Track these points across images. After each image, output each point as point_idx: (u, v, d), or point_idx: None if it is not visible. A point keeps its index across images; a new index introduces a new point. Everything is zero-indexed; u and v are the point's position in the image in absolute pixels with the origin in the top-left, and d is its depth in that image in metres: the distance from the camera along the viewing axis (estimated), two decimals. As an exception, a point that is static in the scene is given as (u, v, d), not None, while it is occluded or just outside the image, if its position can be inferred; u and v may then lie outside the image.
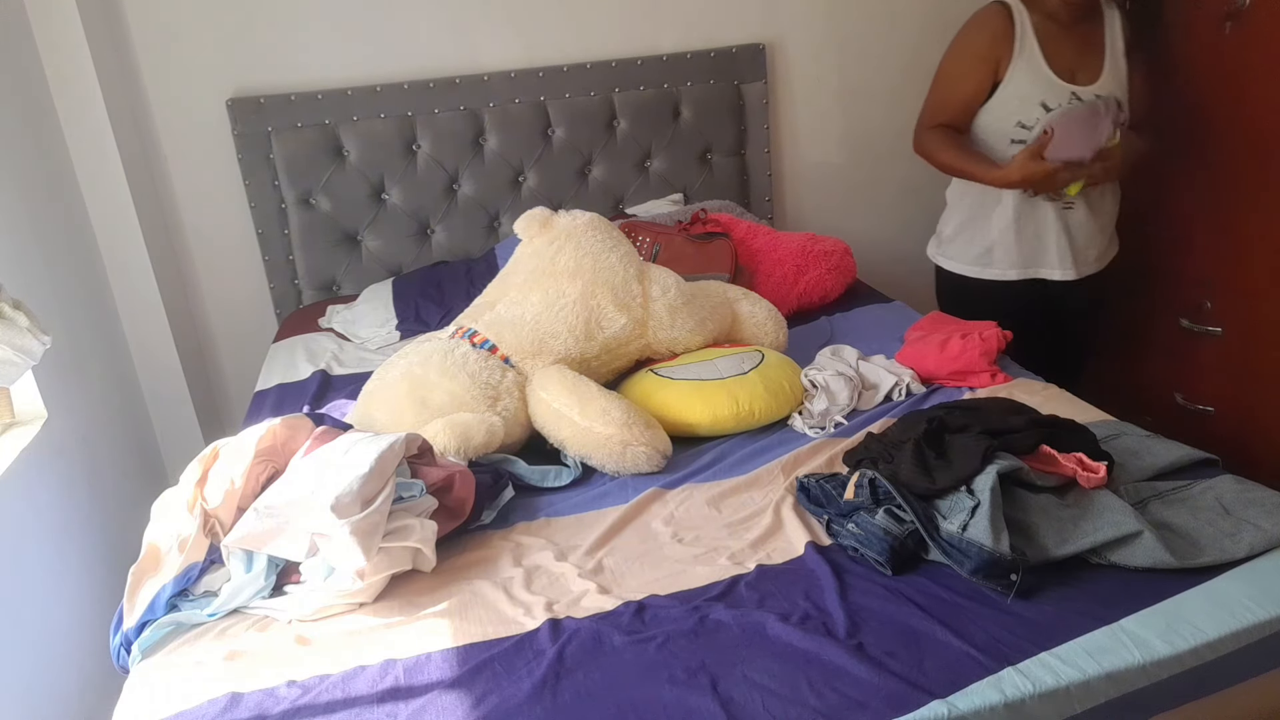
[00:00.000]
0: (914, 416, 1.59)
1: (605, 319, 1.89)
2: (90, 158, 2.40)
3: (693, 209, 2.65)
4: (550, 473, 1.69)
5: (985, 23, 2.13)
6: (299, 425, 1.56)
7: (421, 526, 1.41)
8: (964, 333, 1.94)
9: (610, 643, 1.23)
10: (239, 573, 1.38)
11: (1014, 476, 1.40)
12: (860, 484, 1.44)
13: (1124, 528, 1.30)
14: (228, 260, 2.75)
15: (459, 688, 1.18)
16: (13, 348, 1.53)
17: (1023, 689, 1.10)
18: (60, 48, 2.30)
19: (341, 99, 2.64)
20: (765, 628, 1.23)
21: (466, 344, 1.83)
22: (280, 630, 1.32)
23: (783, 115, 3.04)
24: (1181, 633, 1.17)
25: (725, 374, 1.83)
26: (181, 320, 2.68)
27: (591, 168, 2.85)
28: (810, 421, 1.80)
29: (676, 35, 2.86)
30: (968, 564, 1.28)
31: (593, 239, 1.95)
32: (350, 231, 2.73)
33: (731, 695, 1.12)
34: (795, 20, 2.95)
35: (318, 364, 2.28)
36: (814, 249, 2.46)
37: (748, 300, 2.11)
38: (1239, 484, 1.43)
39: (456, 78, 2.71)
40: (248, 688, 1.21)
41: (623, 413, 1.69)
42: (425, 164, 2.71)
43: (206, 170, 2.66)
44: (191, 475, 1.47)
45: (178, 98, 2.59)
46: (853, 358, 1.97)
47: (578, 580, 1.38)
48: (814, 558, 1.37)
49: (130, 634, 1.33)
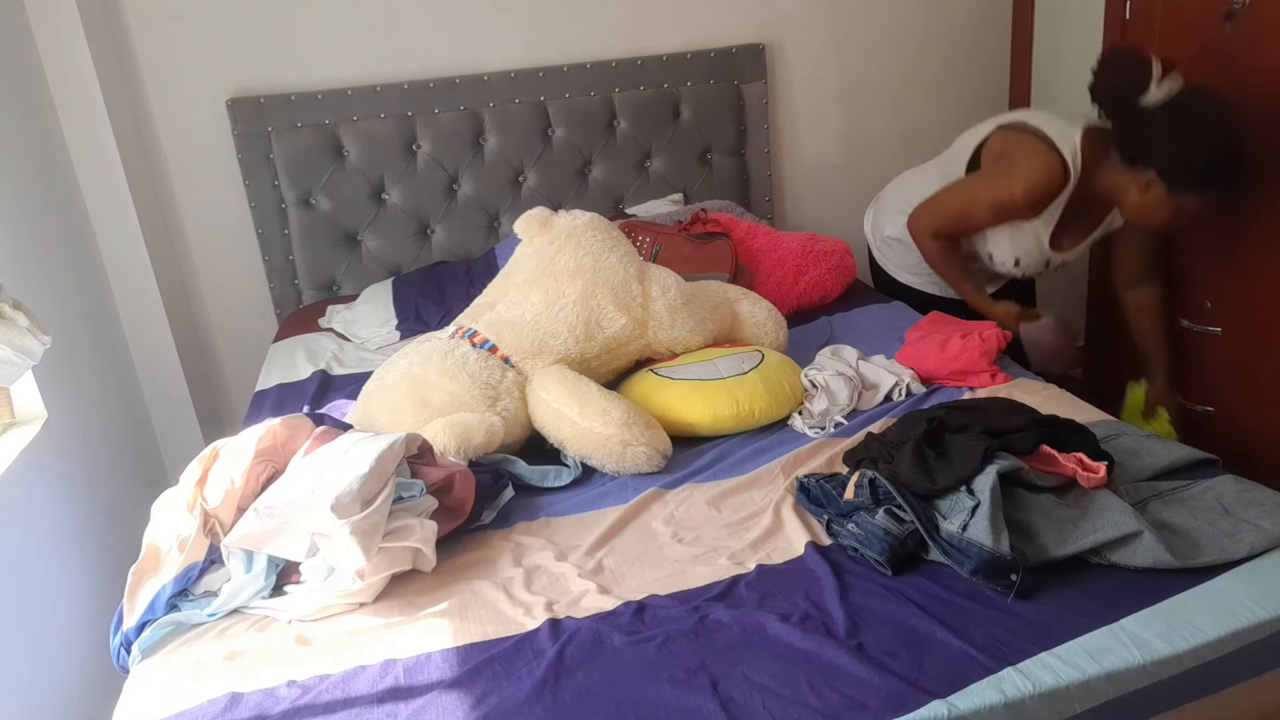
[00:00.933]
0: (914, 416, 1.59)
1: (605, 319, 1.89)
2: (90, 158, 2.40)
3: (693, 209, 2.65)
4: (550, 473, 1.69)
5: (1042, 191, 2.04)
6: (299, 425, 1.56)
7: (421, 526, 1.41)
8: (964, 333, 1.94)
9: (610, 643, 1.23)
10: (239, 573, 1.38)
11: (1014, 476, 1.40)
12: (860, 484, 1.44)
13: (1124, 528, 1.30)
14: (228, 260, 2.75)
15: (459, 688, 1.18)
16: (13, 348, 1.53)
17: (1023, 689, 1.10)
18: (60, 48, 2.30)
19: (341, 99, 2.64)
20: (765, 628, 1.23)
21: (466, 344, 1.83)
22: (280, 630, 1.32)
23: (783, 115, 3.04)
24: (1181, 633, 1.17)
25: (725, 374, 1.83)
26: (181, 320, 2.68)
27: (591, 168, 2.85)
28: (810, 421, 1.80)
29: (676, 35, 2.86)
30: (968, 564, 1.28)
31: (593, 239, 1.95)
32: (350, 231, 2.73)
33: (731, 695, 1.12)
34: (795, 20, 2.95)
35: (318, 364, 2.28)
36: (814, 249, 2.46)
37: (748, 300, 2.11)
38: (1239, 484, 1.43)
39: (456, 78, 2.71)
40: (248, 688, 1.21)
41: (623, 413, 1.69)
42: (425, 164, 2.71)
43: (206, 170, 2.66)
44: (191, 475, 1.47)
45: (178, 98, 2.59)
46: (853, 358, 1.97)
47: (578, 580, 1.38)
48: (814, 558, 1.37)
49: (130, 634, 1.33)
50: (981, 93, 3.16)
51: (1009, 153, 2.08)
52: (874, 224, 2.52)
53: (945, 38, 3.10)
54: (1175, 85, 1.90)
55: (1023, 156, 2.04)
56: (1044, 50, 2.95)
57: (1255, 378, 2.21)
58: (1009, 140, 2.10)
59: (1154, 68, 1.89)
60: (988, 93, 3.16)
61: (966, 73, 3.14)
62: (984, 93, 3.16)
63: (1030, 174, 2.02)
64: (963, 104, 3.16)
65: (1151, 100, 1.90)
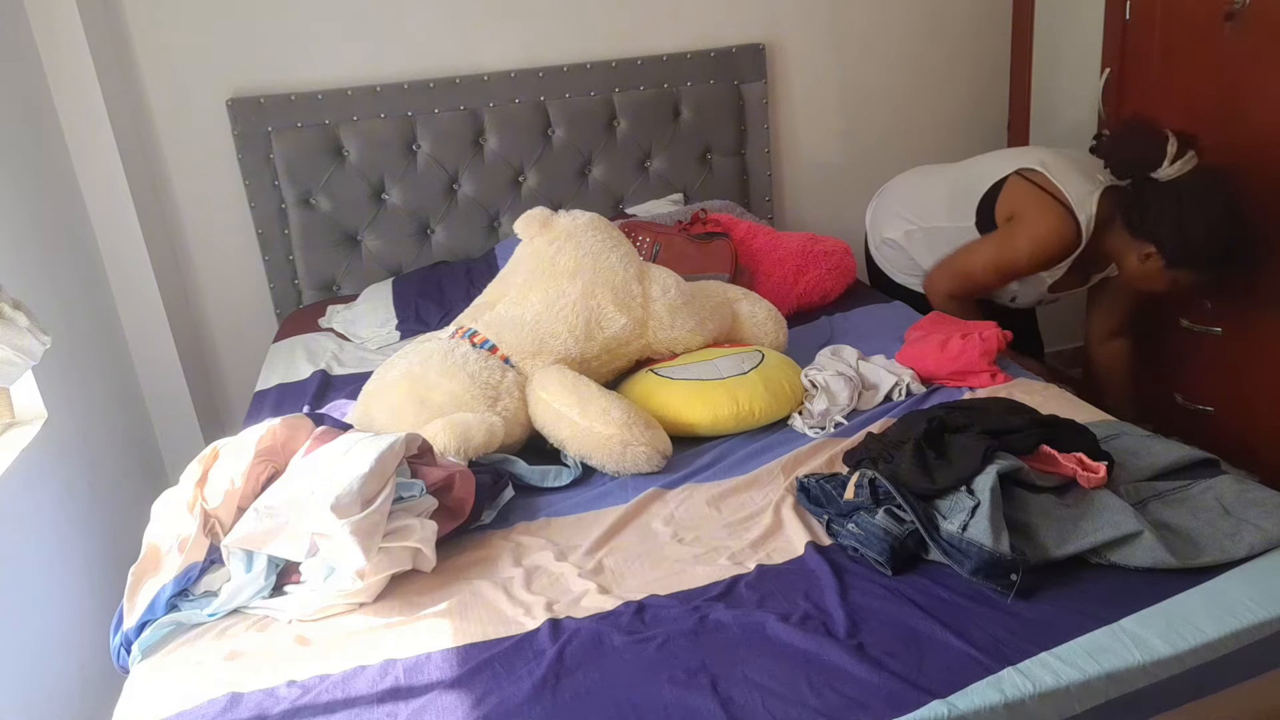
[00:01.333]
0: (914, 416, 1.59)
1: (605, 319, 1.89)
2: (90, 158, 2.39)
3: (693, 209, 2.65)
4: (550, 473, 1.69)
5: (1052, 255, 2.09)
6: (299, 425, 1.56)
7: (421, 526, 1.41)
8: (964, 333, 1.94)
9: (610, 643, 1.23)
10: (239, 573, 1.38)
11: (1014, 476, 1.40)
12: (860, 484, 1.44)
13: (1124, 528, 1.30)
14: (228, 260, 2.75)
15: (459, 688, 1.18)
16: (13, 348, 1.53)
17: (1023, 689, 1.10)
18: (60, 48, 2.30)
19: (341, 99, 2.64)
20: (765, 628, 1.23)
21: (466, 344, 1.83)
22: (280, 630, 1.32)
23: (783, 115, 3.04)
24: (1181, 633, 1.17)
25: (725, 374, 1.83)
26: (181, 320, 2.68)
27: (591, 168, 2.85)
28: (810, 421, 1.80)
29: (676, 35, 2.86)
30: (968, 564, 1.28)
31: (593, 239, 1.95)
32: (350, 231, 2.73)
33: (731, 695, 1.12)
34: (795, 20, 2.95)
35: (318, 364, 2.28)
36: (814, 249, 2.46)
37: (748, 300, 2.11)
38: (1239, 484, 1.43)
39: (456, 78, 2.71)
40: (248, 688, 1.21)
41: (623, 413, 1.69)
42: (425, 164, 2.71)
43: (206, 170, 2.66)
44: (191, 475, 1.47)
45: (178, 98, 2.59)
46: (853, 358, 1.97)
47: (578, 580, 1.38)
48: (814, 558, 1.37)
49: (130, 634, 1.33)
50: (981, 93, 3.16)
51: (1022, 213, 2.09)
52: (873, 220, 2.53)
53: (945, 38, 3.10)
54: (1189, 164, 1.94)
55: (1037, 218, 2.07)
56: (1044, 50, 2.94)
57: (1255, 378, 2.21)
58: (1025, 197, 2.10)
59: (1170, 144, 1.93)
60: (988, 93, 3.16)
61: (966, 73, 3.14)
62: (984, 93, 3.16)
63: (1042, 240, 2.06)
64: (963, 104, 3.17)
65: (1163, 175, 1.94)
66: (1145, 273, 2.04)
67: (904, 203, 2.40)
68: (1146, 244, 1.99)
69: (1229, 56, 2.12)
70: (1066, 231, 2.04)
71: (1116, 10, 2.46)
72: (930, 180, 2.40)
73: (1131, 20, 2.41)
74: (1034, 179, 2.10)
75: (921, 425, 1.50)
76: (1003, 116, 3.16)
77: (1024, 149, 2.20)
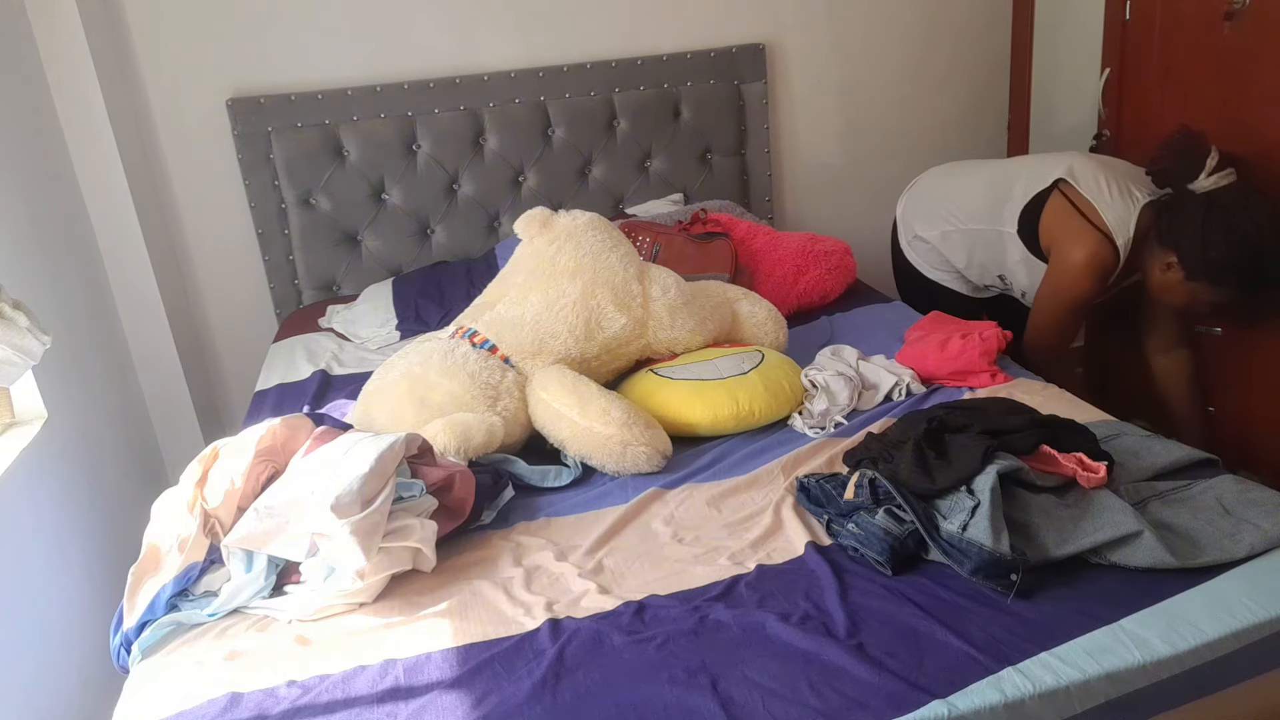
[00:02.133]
0: (914, 416, 1.59)
1: (605, 319, 1.89)
2: (90, 158, 2.40)
3: (693, 209, 2.65)
4: (550, 473, 1.69)
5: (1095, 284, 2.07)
6: (299, 425, 1.56)
7: (421, 526, 1.41)
8: (964, 333, 1.94)
9: (610, 643, 1.23)
10: (239, 573, 1.38)
11: (1014, 476, 1.40)
12: (860, 484, 1.44)
13: (1124, 528, 1.30)
14: (228, 260, 2.75)
15: (459, 688, 1.18)
16: (13, 348, 1.53)
17: (1023, 689, 1.10)
18: (60, 48, 2.30)
19: (341, 99, 2.64)
20: (765, 628, 1.23)
21: (466, 344, 1.83)
22: (280, 630, 1.32)
23: (783, 115, 3.04)
24: (1181, 633, 1.17)
25: (725, 374, 1.83)
26: (181, 320, 2.68)
27: (591, 168, 2.85)
28: (810, 421, 1.80)
29: (676, 35, 2.86)
30: (968, 564, 1.28)
31: (593, 239, 1.95)
32: (350, 231, 2.73)
33: (731, 695, 1.12)
34: (795, 20, 2.95)
35: (318, 364, 2.28)
36: (814, 249, 2.45)
37: (748, 300, 2.11)
38: (1239, 484, 1.43)
39: (456, 78, 2.71)
40: (248, 688, 1.21)
41: (623, 413, 1.69)
42: (425, 164, 2.71)
43: (206, 170, 2.66)
44: (191, 475, 1.47)
45: (178, 98, 2.59)
46: (853, 358, 1.97)
47: (578, 580, 1.38)
48: (814, 558, 1.37)
49: (130, 634, 1.33)
50: (981, 93, 3.16)
51: (1062, 242, 2.08)
52: (905, 216, 2.48)
53: (945, 38, 3.10)
54: (1225, 179, 1.93)
55: (1074, 249, 2.05)
56: (1044, 50, 2.95)
57: (1255, 378, 2.21)
58: (1065, 223, 2.08)
59: (1210, 158, 1.93)
60: (988, 93, 3.16)
61: (967, 73, 3.14)
62: (984, 93, 3.16)
63: (1085, 269, 2.05)
64: (963, 104, 3.17)
65: (1198, 187, 1.94)
66: (1166, 283, 2.02)
67: (941, 202, 2.36)
68: (1169, 253, 1.98)
69: (1229, 56, 2.12)
70: (1105, 255, 2.03)
71: (1116, 10, 2.46)
72: (967, 180, 2.36)
73: (1131, 20, 2.41)
74: (1074, 198, 2.07)
75: (921, 425, 1.50)
76: (1003, 116, 3.17)
77: (1067, 155, 2.14)
